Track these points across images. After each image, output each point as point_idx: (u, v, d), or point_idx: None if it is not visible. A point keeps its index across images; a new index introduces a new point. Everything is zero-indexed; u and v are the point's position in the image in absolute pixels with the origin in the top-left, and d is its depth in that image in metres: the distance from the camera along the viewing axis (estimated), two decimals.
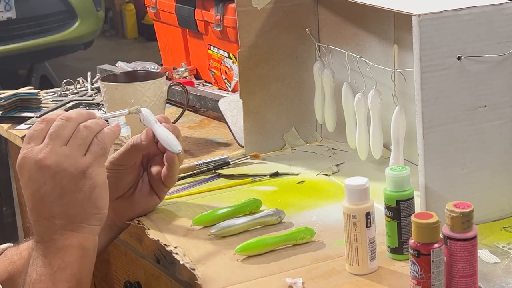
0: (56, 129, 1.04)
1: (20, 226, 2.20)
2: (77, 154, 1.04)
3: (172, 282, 1.22)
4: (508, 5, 1.10)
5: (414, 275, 0.94)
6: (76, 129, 1.05)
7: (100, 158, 1.06)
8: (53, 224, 1.04)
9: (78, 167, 1.03)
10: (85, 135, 1.05)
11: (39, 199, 1.03)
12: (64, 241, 1.03)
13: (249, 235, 1.16)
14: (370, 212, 1.02)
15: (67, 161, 1.03)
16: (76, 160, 1.04)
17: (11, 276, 1.19)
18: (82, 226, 1.05)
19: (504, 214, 1.17)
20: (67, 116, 1.06)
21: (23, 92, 1.88)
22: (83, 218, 1.05)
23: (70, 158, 1.03)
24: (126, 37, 7.35)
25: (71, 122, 1.05)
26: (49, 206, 1.03)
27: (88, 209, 1.05)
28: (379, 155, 1.33)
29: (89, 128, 1.06)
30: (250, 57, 1.44)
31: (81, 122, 1.06)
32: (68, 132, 1.05)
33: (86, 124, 1.06)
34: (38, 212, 1.04)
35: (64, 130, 1.05)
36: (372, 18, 1.37)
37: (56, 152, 1.03)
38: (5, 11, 4.72)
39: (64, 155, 1.03)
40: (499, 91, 1.12)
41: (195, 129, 1.69)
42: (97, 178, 1.05)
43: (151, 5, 2.06)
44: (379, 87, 1.29)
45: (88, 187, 1.04)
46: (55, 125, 1.05)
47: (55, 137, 1.04)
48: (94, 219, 1.06)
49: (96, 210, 1.06)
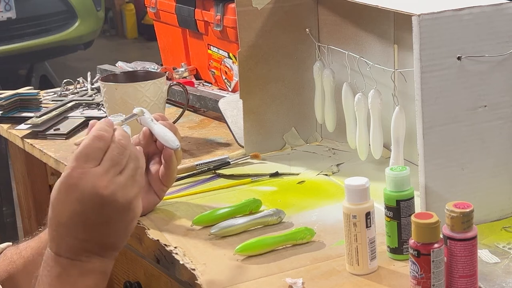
0: (116, 156, 1.02)
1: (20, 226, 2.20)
2: (129, 186, 1.02)
3: (172, 282, 1.22)
4: (508, 5, 1.10)
5: (414, 275, 0.94)
6: (129, 158, 1.03)
7: (141, 189, 1.05)
8: (84, 246, 1.01)
9: (128, 199, 1.01)
10: (135, 166, 1.04)
11: (80, 220, 1.00)
12: (92, 264, 1.02)
13: (249, 235, 1.16)
14: (370, 212, 1.02)
15: (120, 192, 1.01)
16: (127, 192, 1.01)
17: (11, 276, 1.19)
18: (110, 254, 1.03)
19: (504, 214, 1.17)
20: (122, 144, 1.03)
21: (23, 92, 1.88)
22: (115, 246, 1.04)
23: (123, 189, 1.01)
24: (126, 37, 7.36)
25: (127, 151, 1.03)
26: (88, 229, 1.01)
27: (122, 238, 1.04)
28: (379, 155, 1.33)
29: (137, 159, 1.05)
30: (250, 57, 1.44)
31: (131, 149, 1.05)
32: (125, 161, 1.03)
33: (136, 154, 1.05)
34: (72, 230, 1.01)
35: (122, 159, 1.02)
36: (372, 18, 1.37)
37: (114, 182, 1.00)
38: (5, 11, 4.72)
39: (120, 186, 1.01)
40: (499, 91, 1.12)
41: (195, 129, 1.69)
42: (137, 210, 1.04)
43: (151, 5, 2.06)
44: (379, 87, 1.29)
45: (130, 218, 1.03)
46: (116, 152, 1.02)
47: (115, 164, 1.01)
48: (122, 246, 1.05)
49: (127, 239, 1.05)
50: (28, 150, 1.70)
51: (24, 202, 1.96)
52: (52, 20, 4.97)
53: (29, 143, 1.67)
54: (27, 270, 1.17)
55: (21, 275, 1.18)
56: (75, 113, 1.83)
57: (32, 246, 1.19)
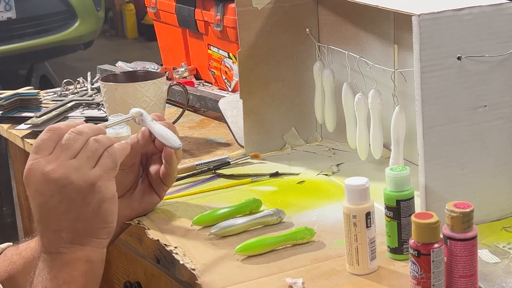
0: (66, 142, 1.02)
1: (20, 226, 2.20)
2: (86, 167, 1.02)
3: (172, 282, 1.22)
4: (508, 5, 1.10)
5: (414, 275, 0.94)
6: (86, 142, 1.03)
7: (110, 171, 1.04)
8: (60, 237, 1.02)
9: (87, 180, 1.01)
10: (95, 148, 1.03)
11: (45, 211, 1.01)
12: (71, 254, 1.02)
13: (249, 235, 1.16)
14: (370, 212, 1.02)
15: (75, 174, 1.00)
16: (84, 173, 1.01)
17: (11, 276, 1.19)
18: (90, 240, 1.03)
19: (504, 214, 1.17)
20: (78, 130, 1.03)
21: (23, 92, 1.88)
22: (91, 232, 1.03)
23: (78, 171, 1.01)
24: (126, 37, 7.36)
25: (82, 136, 1.03)
26: (56, 219, 1.01)
27: (96, 224, 1.03)
28: (379, 155, 1.33)
29: (100, 141, 1.04)
30: (250, 57, 1.44)
31: (91, 136, 1.04)
32: (79, 145, 1.02)
33: (97, 138, 1.04)
34: (44, 224, 1.02)
35: (74, 143, 1.02)
36: (372, 18, 1.37)
37: (64, 165, 1.00)
38: (5, 11, 4.72)
39: (73, 167, 1.01)
40: (499, 91, 1.12)
41: (195, 129, 1.69)
42: (106, 192, 1.03)
43: (151, 5, 2.06)
44: (379, 87, 1.29)
45: (97, 201, 1.02)
46: (66, 137, 1.02)
47: (65, 149, 1.01)
48: (102, 232, 1.04)
49: (104, 224, 1.04)
50: (28, 150, 1.69)
51: (24, 202, 1.96)
52: (52, 20, 4.97)
53: (29, 143, 1.68)
54: (27, 271, 1.16)
55: (21, 275, 1.18)
56: (75, 113, 1.83)
57: (32, 247, 1.19)
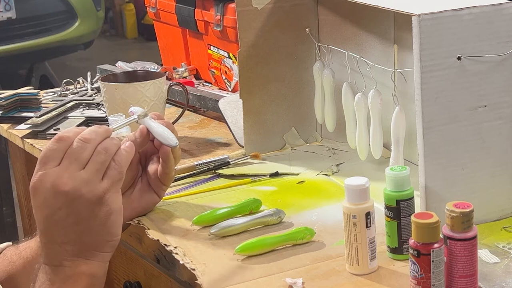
0: (74, 152, 1.00)
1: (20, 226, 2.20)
2: (95, 180, 1.00)
3: (172, 282, 1.22)
4: (508, 5, 1.10)
5: (414, 275, 0.94)
6: (94, 152, 1.02)
7: (117, 183, 1.03)
8: (65, 249, 1.01)
9: (96, 193, 1.00)
10: (103, 159, 1.02)
11: (52, 223, 1.00)
12: (75, 268, 1.01)
13: (249, 235, 1.16)
14: (370, 212, 1.02)
15: (85, 187, 0.99)
16: (94, 186, 1.00)
17: (10, 276, 1.19)
18: (95, 254, 1.02)
19: (504, 214, 1.17)
20: (85, 138, 1.02)
21: (23, 92, 1.88)
22: (97, 245, 1.02)
23: (88, 184, 1.00)
24: (126, 37, 7.36)
25: (90, 144, 1.02)
26: (62, 232, 1.00)
27: (102, 237, 1.02)
28: (379, 155, 1.33)
29: (107, 150, 1.02)
30: (250, 57, 1.44)
31: (99, 142, 1.03)
32: (87, 155, 1.01)
33: (105, 146, 1.03)
34: (49, 236, 1.01)
35: (82, 153, 1.01)
36: (372, 18, 1.37)
37: (74, 177, 0.99)
38: (5, 11, 4.72)
39: (83, 181, 0.99)
40: (499, 91, 1.12)
41: (195, 129, 1.69)
42: (113, 204, 1.02)
43: (151, 5, 2.06)
44: (379, 87, 1.29)
45: (104, 214, 1.01)
46: (74, 146, 1.01)
47: (74, 160, 1.00)
48: (107, 246, 1.03)
49: (110, 237, 1.03)
50: (28, 150, 1.70)
51: (24, 202, 1.96)
52: (52, 20, 4.97)
53: (29, 143, 1.68)
54: (27, 271, 1.16)
55: (21, 275, 1.18)
56: (75, 113, 1.83)
57: (32, 247, 1.19)
